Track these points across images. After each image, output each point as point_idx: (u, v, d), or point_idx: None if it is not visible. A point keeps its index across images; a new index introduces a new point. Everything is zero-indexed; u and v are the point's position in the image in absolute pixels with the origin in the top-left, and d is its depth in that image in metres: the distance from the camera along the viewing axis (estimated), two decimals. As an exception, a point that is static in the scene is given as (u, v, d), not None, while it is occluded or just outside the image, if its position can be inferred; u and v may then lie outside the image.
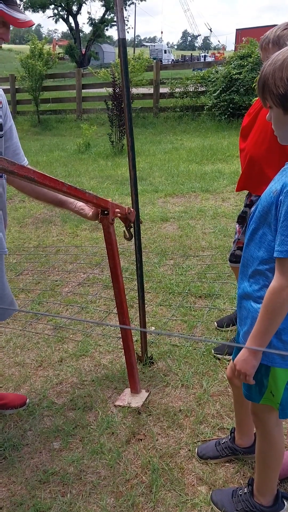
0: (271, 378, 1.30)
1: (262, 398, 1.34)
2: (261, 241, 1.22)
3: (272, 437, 1.41)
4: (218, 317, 2.77)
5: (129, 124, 2.04)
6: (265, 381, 1.31)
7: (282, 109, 1.14)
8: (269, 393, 1.32)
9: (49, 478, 1.74)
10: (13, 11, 1.53)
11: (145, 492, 1.66)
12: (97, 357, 2.47)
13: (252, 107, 2.09)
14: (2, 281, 1.87)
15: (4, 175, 1.77)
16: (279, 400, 1.31)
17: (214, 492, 1.61)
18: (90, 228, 4.47)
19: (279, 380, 1.28)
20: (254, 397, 1.36)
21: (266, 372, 1.30)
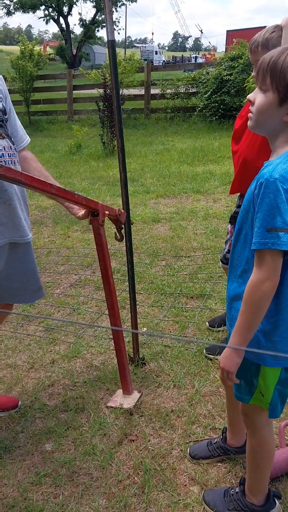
0: (261, 378, 1.31)
1: (252, 398, 1.35)
2: (245, 241, 1.23)
3: (262, 436, 1.42)
4: (210, 317, 2.79)
5: (119, 126, 2.04)
6: (255, 381, 1.32)
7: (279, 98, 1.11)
8: (259, 393, 1.33)
9: (41, 480, 1.73)
10: None
11: (137, 493, 1.66)
12: (89, 359, 2.47)
13: (244, 110, 2.10)
14: (32, 267, 1.95)
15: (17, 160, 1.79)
16: (268, 400, 1.32)
17: (206, 492, 1.62)
18: (81, 230, 4.47)
19: (269, 380, 1.29)
20: (244, 397, 1.36)
21: (256, 372, 1.31)
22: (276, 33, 1.74)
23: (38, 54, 11.75)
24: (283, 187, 1.07)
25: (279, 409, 1.35)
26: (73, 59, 39.04)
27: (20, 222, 1.83)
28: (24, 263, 1.93)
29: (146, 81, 11.12)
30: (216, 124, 9.91)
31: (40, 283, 2.04)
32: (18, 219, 1.82)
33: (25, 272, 1.94)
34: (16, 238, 1.83)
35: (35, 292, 2.01)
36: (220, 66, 9.83)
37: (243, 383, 1.35)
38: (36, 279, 2.00)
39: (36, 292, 2.02)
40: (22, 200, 1.86)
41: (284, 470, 1.69)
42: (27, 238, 1.88)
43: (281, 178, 1.07)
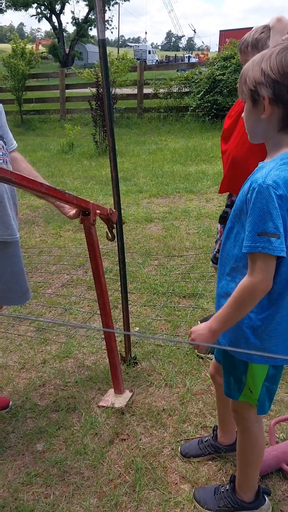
0: (249, 375, 1.32)
1: (241, 395, 1.36)
2: (236, 239, 1.24)
3: (252, 433, 1.43)
4: (202, 316, 2.80)
5: (110, 125, 2.04)
6: (243, 378, 1.33)
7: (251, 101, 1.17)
8: (248, 390, 1.34)
9: (32, 480, 1.73)
10: None
11: (128, 491, 1.67)
12: (81, 359, 2.47)
13: (233, 109, 2.11)
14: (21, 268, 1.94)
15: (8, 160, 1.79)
16: (257, 396, 1.33)
17: (196, 490, 1.63)
18: (73, 229, 4.46)
19: (257, 377, 1.30)
20: (233, 394, 1.38)
21: (244, 369, 1.32)
22: (265, 33, 1.75)
23: (30, 53, 11.69)
24: (276, 193, 1.08)
25: (267, 405, 1.36)
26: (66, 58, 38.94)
27: (9, 220, 1.82)
28: (13, 264, 1.92)
29: (139, 80, 11.11)
30: (209, 124, 9.93)
31: (28, 285, 2.03)
32: (8, 217, 1.82)
33: (14, 273, 1.93)
34: (5, 236, 1.83)
35: (24, 293, 2.00)
36: (213, 66, 9.85)
37: (233, 380, 1.37)
38: (24, 280, 1.99)
39: (25, 293, 2.01)
40: (11, 199, 1.85)
41: (273, 468, 1.70)
42: (16, 237, 1.87)
43: (274, 184, 1.09)
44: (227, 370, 1.40)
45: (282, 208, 1.09)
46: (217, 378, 1.61)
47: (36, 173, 1.94)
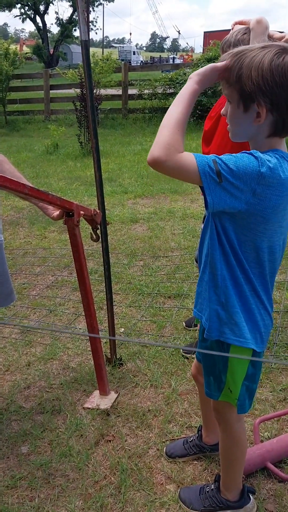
0: (229, 374, 1.33)
1: (221, 394, 1.37)
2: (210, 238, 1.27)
3: (234, 432, 1.44)
4: (187, 316, 2.81)
5: (93, 126, 2.04)
6: (223, 377, 1.34)
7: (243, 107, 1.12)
8: (227, 389, 1.35)
9: (16, 483, 1.72)
10: None
11: (114, 493, 1.66)
12: (66, 360, 2.46)
13: (213, 111, 2.11)
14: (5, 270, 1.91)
15: None
16: (237, 396, 1.34)
17: (182, 490, 1.63)
18: (58, 230, 4.43)
19: (237, 376, 1.31)
20: (213, 394, 1.38)
21: (224, 368, 1.33)
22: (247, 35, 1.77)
23: (14, 53, 11.59)
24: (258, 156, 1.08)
25: (247, 404, 1.37)
26: (50, 59, 38.75)
27: None
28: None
29: (123, 81, 11.11)
30: (193, 125, 9.97)
31: (12, 287, 2.01)
32: None
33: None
34: None
35: (8, 295, 1.98)
36: (197, 67, 9.90)
37: (212, 380, 1.37)
38: (8, 282, 1.97)
39: (9, 295, 1.99)
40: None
41: (258, 466, 1.71)
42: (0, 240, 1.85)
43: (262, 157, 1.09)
44: (207, 369, 1.40)
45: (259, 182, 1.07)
46: (199, 378, 1.62)
47: (20, 174, 1.92)
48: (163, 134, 1.10)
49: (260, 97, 1.08)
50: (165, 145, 1.08)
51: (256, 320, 1.26)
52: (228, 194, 1.07)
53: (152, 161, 1.09)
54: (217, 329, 1.28)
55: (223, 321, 1.26)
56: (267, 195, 1.09)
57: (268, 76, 1.06)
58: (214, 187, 1.07)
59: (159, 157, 1.07)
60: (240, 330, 1.25)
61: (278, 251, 1.23)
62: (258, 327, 1.26)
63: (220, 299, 1.26)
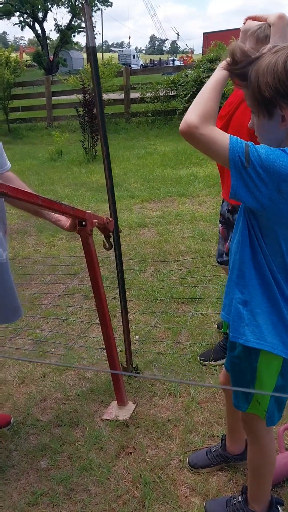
0: (258, 386, 1.28)
1: (249, 406, 1.32)
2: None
3: (263, 444, 1.40)
4: (202, 322, 2.77)
5: (103, 133, 2.01)
6: (251, 388, 1.30)
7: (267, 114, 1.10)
8: (255, 401, 1.30)
9: (38, 500, 1.68)
10: None
11: (138, 507, 1.63)
12: (81, 371, 2.42)
13: (223, 110, 2.05)
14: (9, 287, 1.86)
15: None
16: (265, 408, 1.29)
17: (208, 503, 1.59)
18: (67, 238, 4.41)
19: (265, 388, 1.27)
20: (242, 405, 1.34)
21: (251, 379, 1.28)
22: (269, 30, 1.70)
23: (15, 61, 11.63)
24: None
25: (276, 416, 1.32)
26: (50, 65, 38.90)
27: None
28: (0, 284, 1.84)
29: (125, 85, 11.11)
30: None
31: (18, 302, 1.94)
32: None
33: (1, 293, 1.85)
34: None
35: (13, 312, 1.91)
36: (199, 69, 9.88)
37: (240, 391, 1.33)
38: (12, 299, 1.89)
39: (15, 312, 1.92)
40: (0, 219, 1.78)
41: (285, 476, 1.67)
42: (2, 259, 1.78)
43: None
44: (235, 380, 1.36)
45: None
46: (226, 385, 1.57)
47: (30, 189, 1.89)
48: (198, 103, 1.10)
49: (280, 100, 1.07)
50: (200, 112, 1.07)
51: (286, 324, 1.21)
52: (252, 183, 1.06)
53: (186, 127, 1.07)
54: (237, 330, 1.24)
55: (244, 321, 1.22)
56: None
57: (284, 78, 1.05)
58: (240, 170, 1.05)
59: (192, 122, 1.06)
60: (262, 332, 1.20)
61: None
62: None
63: (245, 297, 1.22)
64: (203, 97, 1.10)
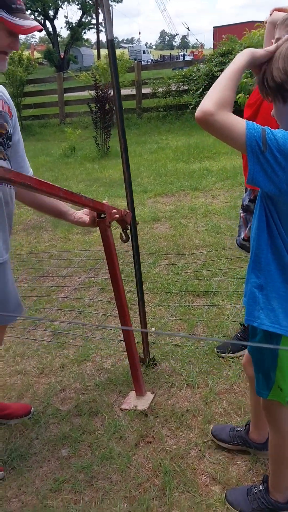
0: (279, 371, 1.29)
1: (270, 393, 1.33)
2: None
3: (284, 432, 1.41)
4: (218, 314, 2.77)
5: (121, 125, 2.03)
6: (272, 374, 1.31)
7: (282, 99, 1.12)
8: (277, 387, 1.31)
9: (60, 487, 1.71)
10: (17, 19, 1.47)
11: (158, 495, 1.65)
12: (99, 361, 2.45)
13: (251, 98, 2.02)
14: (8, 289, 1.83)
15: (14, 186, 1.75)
16: (287, 393, 1.30)
17: (228, 492, 1.60)
18: (81, 232, 4.44)
19: (287, 373, 1.27)
20: (263, 392, 1.35)
21: (272, 364, 1.29)
22: None
23: (28, 59, 11.70)
24: None
25: None
26: (61, 62, 38.95)
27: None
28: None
29: (136, 80, 11.09)
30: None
31: (19, 300, 1.92)
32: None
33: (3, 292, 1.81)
34: None
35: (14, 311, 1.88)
36: (211, 63, 9.83)
37: (261, 377, 1.34)
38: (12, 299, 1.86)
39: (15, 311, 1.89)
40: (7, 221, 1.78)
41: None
42: (2, 259, 1.78)
43: None
44: (256, 366, 1.38)
45: None
46: (248, 370, 1.59)
47: None
48: (215, 90, 1.09)
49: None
50: (216, 99, 1.07)
51: None
52: (269, 167, 1.06)
53: (201, 114, 1.07)
54: (251, 313, 1.25)
55: (259, 305, 1.24)
56: None
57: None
58: (257, 155, 1.06)
59: (208, 109, 1.06)
60: (277, 316, 1.21)
61: None
62: None
63: (260, 282, 1.23)
64: (220, 85, 1.10)
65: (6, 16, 1.45)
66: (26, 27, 1.48)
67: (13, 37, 1.52)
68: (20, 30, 1.48)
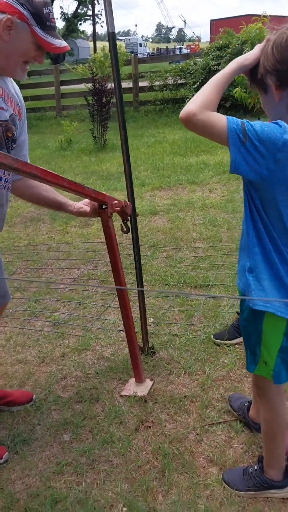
0: (263, 347, 1.38)
1: (256, 367, 1.42)
2: None
3: (273, 406, 1.49)
4: (215, 305, 2.83)
5: (121, 118, 2.07)
6: (257, 350, 1.39)
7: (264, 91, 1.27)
8: (262, 362, 1.40)
9: (62, 469, 1.77)
10: (49, 36, 1.55)
11: (158, 476, 1.71)
12: (99, 350, 2.50)
13: None
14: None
15: (10, 187, 1.79)
16: (272, 367, 1.38)
17: (225, 472, 1.67)
18: (79, 225, 4.48)
19: (271, 348, 1.36)
20: (250, 366, 1.44)
21: (257, 340, 1.38)
22: None
23: (24, 51, 11.62)
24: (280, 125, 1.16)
25: (284, 375, 1.41)
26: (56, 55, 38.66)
27: None
28: None
29: (133, 73, 11.08)
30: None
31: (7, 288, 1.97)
32: None
33: None
34: None
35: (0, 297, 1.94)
36: (208, 56, 9.83)
37: (249, 353, 1.44)
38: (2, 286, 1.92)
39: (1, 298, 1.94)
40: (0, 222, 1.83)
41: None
42: None
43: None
44: (244, 342, 1.48)
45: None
46: None
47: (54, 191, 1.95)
48: (199, 94, 1.19)
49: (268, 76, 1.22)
50: (199, 102, 1.17)
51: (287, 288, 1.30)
52: (250, 156, 1.15)
53: (185, 115, 1.16)
54: (245, 295, 1.34)
55: (251, 287, 1.32)
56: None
57: (270, 57, 1.20)
58: (238, 145, 1.14)
59: (190, 110, 1.15)
60: (267, 296, 1.30)
61: None
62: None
63: (250, 265, 1.32)
64: (204, 90, 1.20)
65: (40, 32, 1.53)
66: (56, 46, 1.57)
67: (40, 51, 1.60)
68: (49, 48, 1.57)
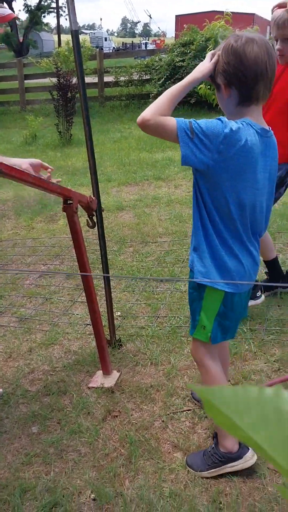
0: (203, 312, 1.53)
1: (195, 331, 1.58)
2: None
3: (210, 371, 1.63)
4: (180, 298, 2.91)
5: (85, 114, 2.10)
6: (197, 315, 1.55)
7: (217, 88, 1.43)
8: (201, 326, 1.55)
9: (31, 460, 1.80)
10: None
11: (125, 463, 1.76)
12: (66, 345, 2.53)
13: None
14: None
15: None
16: (210, 329, 1.54)
17: (188, 457, 1.75)
18: (45, 220, 4.47)
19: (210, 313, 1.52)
20: (191, 330, 1.61)
21: (198, 307, 1.54)
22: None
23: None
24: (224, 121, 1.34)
25: (219, 337, 1.57)
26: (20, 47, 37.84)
27: None
28: None
29: (99, 69, 11.02)
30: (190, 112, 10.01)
31: None
32: None
33: None
34: None
35: None
36: (172, 53, 9.90)
37: (191, 318, 1.61)
38: None
39: None
40: None
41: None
42: None
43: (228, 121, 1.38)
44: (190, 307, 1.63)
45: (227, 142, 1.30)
46: None
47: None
48: (155, 103, 1.38)
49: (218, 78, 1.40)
50: (153, 109, 1.36)
51: (225, 266, 1.46)
52: (197, 150, 1.32)
53: (140, 120, 1.35)
54: (191, 270, 1.53)
55: (194, 263, 1.50)
56: (229, 154, 1.31)
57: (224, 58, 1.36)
58: (187, 142, 1.31)
59: (145, 116, 1.34)
60: (208, 272, 1.47)
61: (248, 209, 1.43)
62: (229, 271, 1.47)
63: (195, 245, 1.50)
64: (161, 99, 1.39)
65: None
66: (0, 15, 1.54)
67: None
68: None
